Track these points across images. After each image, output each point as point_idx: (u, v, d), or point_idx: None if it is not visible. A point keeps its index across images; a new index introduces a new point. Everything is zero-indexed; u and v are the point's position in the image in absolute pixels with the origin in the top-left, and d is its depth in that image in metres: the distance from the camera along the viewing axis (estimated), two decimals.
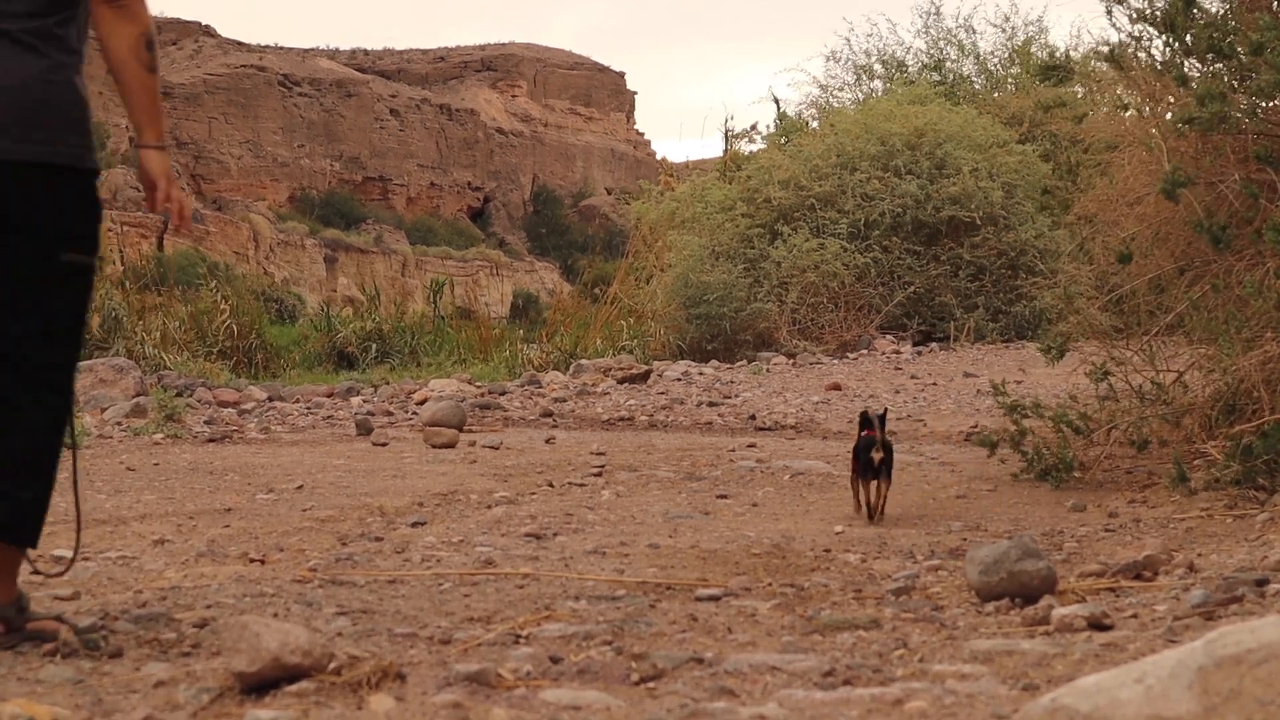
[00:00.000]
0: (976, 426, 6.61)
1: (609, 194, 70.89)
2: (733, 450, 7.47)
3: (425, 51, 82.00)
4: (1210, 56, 5.50)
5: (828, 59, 26.05)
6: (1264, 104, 5.36)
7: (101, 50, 3.31)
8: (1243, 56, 5.24)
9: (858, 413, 5.58)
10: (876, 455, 5.03)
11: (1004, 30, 22.54)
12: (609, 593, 3.52)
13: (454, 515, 5.15)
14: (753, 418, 9.73)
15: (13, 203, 3.08)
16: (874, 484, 5.06)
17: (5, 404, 3.00)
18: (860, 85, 22.52)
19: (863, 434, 5.14)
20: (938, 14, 22.74)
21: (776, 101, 22.06)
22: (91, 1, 3.25)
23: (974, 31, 22.46)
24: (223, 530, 4.74)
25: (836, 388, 11.60)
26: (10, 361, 3.03)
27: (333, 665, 2.54)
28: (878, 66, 22.44)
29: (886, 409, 5.49)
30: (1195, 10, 5.47)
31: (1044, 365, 6.17)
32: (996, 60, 22.24)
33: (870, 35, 27.38)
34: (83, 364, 10.93)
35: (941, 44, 22.32)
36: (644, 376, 13.07)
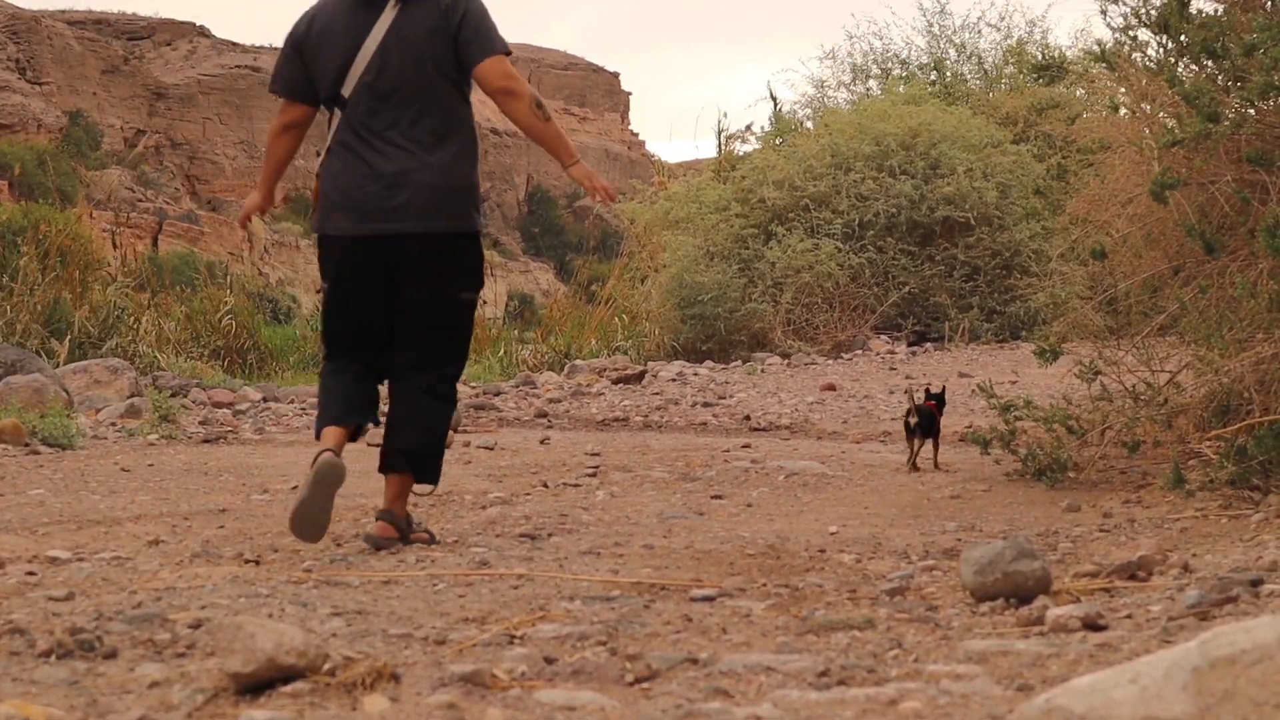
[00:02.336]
0: (971, 427, 6.62)
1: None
2: (727, 451, 7.47)
3: None
4: (1204, 57, 5.51)
5: (824, 57, 26.02)
6: (1257, 106, 5.36)
7: (507, 116, 4.51)
8: (1236, 58, 5.25)
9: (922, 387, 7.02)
10: (911, 420, 6.57)
11: (1000, 29, 22.55)
12: (604, 593, 3.52)
13: (449, 516, 5.15)
14: (747, 418, 9.73)
15: (457, 257, 4.48)
16: (915, 441, 6.56)
17: (427, 391, 4.50)
18: (856, 85, 22.52)
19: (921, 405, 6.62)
20: (943, 12, 22.72)
21: (774, 98, 22.01)
22: (487, 94, 4.47)
23: (978, 33, 22.48)
24: (217, 531, 4.74)
25: (831, 388, 11.60)
26: (439, 358, 4.51)
27: (327, 666, 2.54)
28: (874, 66, 22.43)
29: (944, 387, 7.01)
30: (1189, 11, 5.47)
31: (1036, 366, 6.18)
32: (992, 60, 22.25)
33: (872, 33, 27.34)
34: (77, 365, 10.91)
35: (943, 43, 22.32)
36: (639, 377, 13.07)
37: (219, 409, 10.62)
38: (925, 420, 6.60)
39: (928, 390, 6.84)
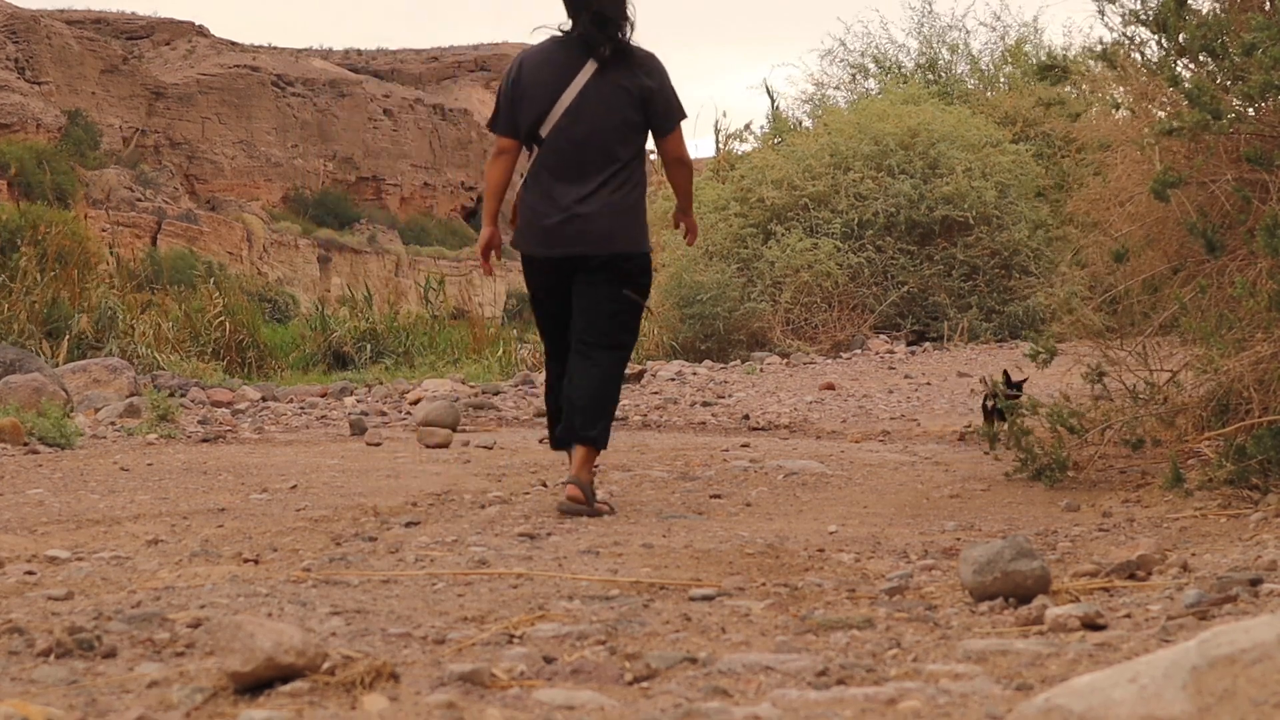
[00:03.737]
0: (970, 426, 6.62)
1: None
2: (726, 450, 7.48)
3: (419, 52, 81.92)
4: (1203, 57, 5.51)
5: (823, 56, 26.03)
6: (1257, 105, 5.36)
7: (670, 178, 5.56)
8: (1235, 57, 5.25)
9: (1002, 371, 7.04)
10: (989, 404, 6.70)
11: (994, 29, 22.55)
12: (603, 592, 3.52)
13: (448, 515, 5.15)
14: (746, 417, 9.73)
15: (630, 270, 5.31)
16: (993, 424, 6.50)
17: (597, 365, 5.29)
18: (855, 84, 22.52)
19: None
20: (930, 12, 22.71)
21: (770, 95, 22.00)
22: (663, 159, 5.44)
23: (967, 31, 22.46)
24: (216, 530, 4.74)
25: (830, 387, 11.61)
26: (606, 343, 5.31)
27: (327, 665, 2.53)
28: (872, 65, 22.43)
29: (1026, 378, 6.87)
30: (1187, 11, 5.47)
31: (1035, 368, 6.18)
32: (988, 59, 22.24)
33: (865, 34, 27.34)
34: (76, 364, 10.92)
35: (935, 43, 22.32)
36: (637, 376, 13.07)
37: (218, 408, 10.62)
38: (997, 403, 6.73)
39: (1008, 377, 6.81)
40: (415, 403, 10.98)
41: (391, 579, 3.72)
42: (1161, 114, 5.92)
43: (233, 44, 70.07)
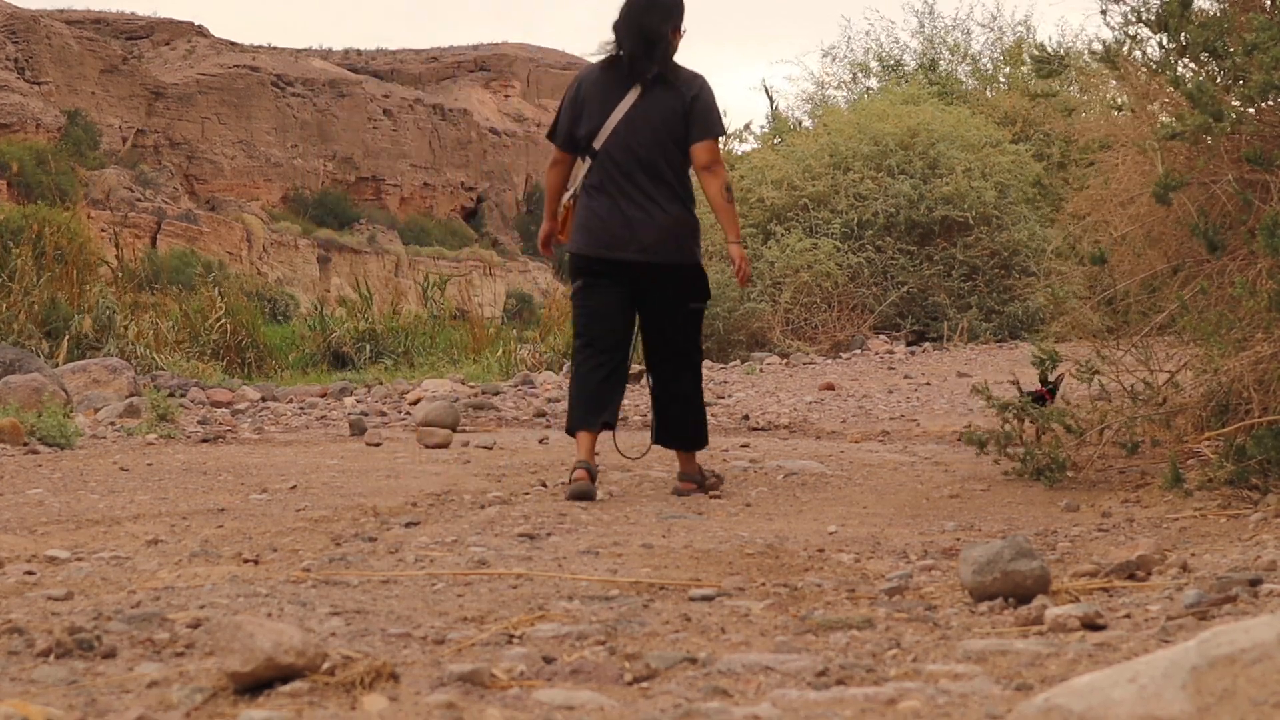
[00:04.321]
0: (970, 426, 6.62)
1: None
2: (726, 450, 7.47)
3: (418, 52, 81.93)
4: (1204, 57, 5.51)
5: (824, 55, 26.02)
6: (1257, 105, 5.36)
7: (702, 188, 5.81)
8: (1236, 57, 5.25)
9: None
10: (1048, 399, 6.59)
11: (992, 30, 22.55)
12: (602, 593, 3.52)
13: (447, 515, 5.15)
14: (746, 418, 9.73)
15: (684, 283, 5.78)
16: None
17: (686, 380, 5.89)
18: (856, 84, 22.53)
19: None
20: (931, 13, 22.73)
21: (769, 95, 22.00)
22: (695, 166, 5.75)
23: (968, 33, 22.48)
24: (216, 530, 4.74)
25: (830, 388, 11.61)
26: (682, 358, 5.85)
27: (326, 665, 2.53)
28: (874, 64, 22.44)
29: (1062, 376, 6.62)
30: (1189, 11, 5.47)
31: (1038, 372, 6.19)
32: (988, 60, 22.25)
33: (868, 33, 27.33)
34: (76, 364, 10.92)
35: (936, 44, 22.33)
36: (637, 376, 13.04)
37: (217, 408, 10.62)
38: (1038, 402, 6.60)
39: (1044, 377, 6.67)
40: (415, 403, 10.98)
41: (391, 579, 3.72)
42: (1163, 116, 5.92)
43: (232, 44, 70.09)
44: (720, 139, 5.78)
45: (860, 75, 22.52)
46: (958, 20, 25.87)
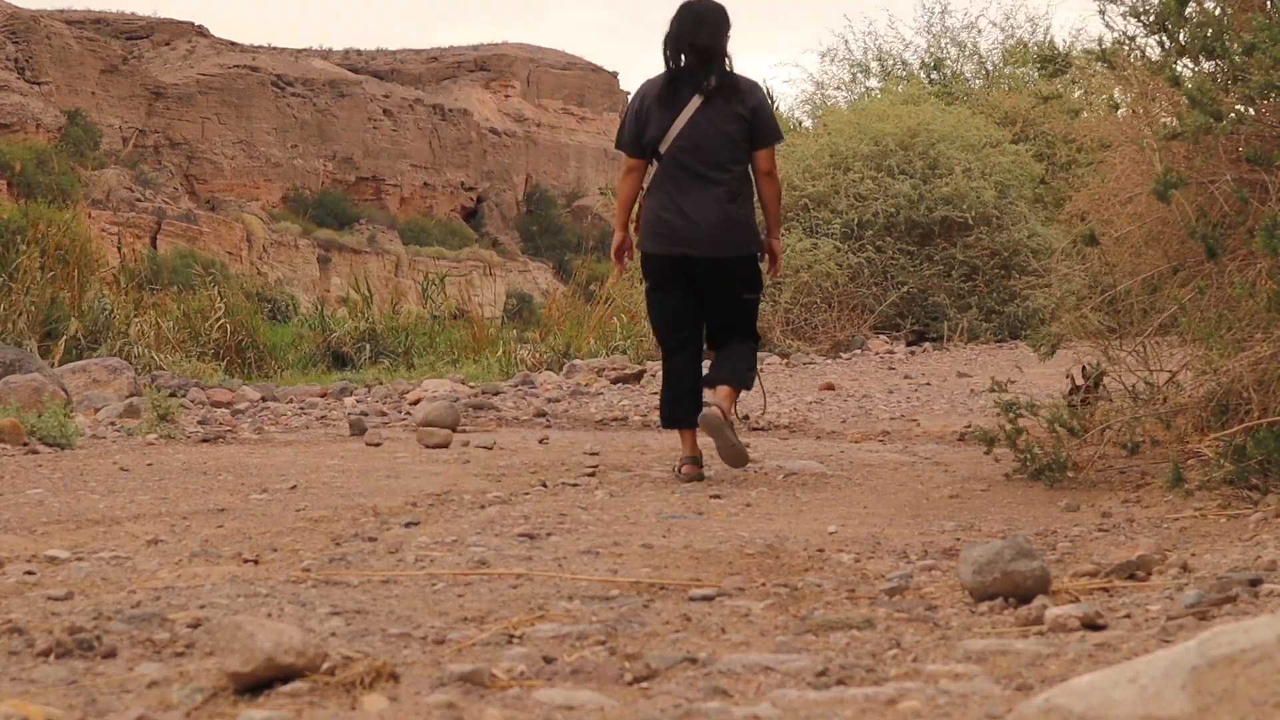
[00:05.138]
0: (970, 426, 6.62)
1: (602, 194, 70.79)
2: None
3: (418, 52, 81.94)
4: (1203, 57, 5.51)
5: (823, 56, 25.99)
6: (1257, 105, 5.36)
7: (756, 185, 6.32)
8: (1235, 57, 5.25)
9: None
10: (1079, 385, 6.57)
11: (1003, 29, 22.54)
12: (602, 593, 3.52)
13: (448, 515, 5.15)
14: (746, 417, 9.73)
15: (741, 272, 6.28)
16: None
17: (741, 344, 6.34)
18: (856, 84, 22.51)
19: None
20: (944, 13, 22.73)
21: (769, 97, 21.97)
22: (755, 171, 6.28)
23: (979, 32, 22.48)
24: (216, 530, 4.74)
25: (830, 388, 11.60)
26: (742, 335, 6.37)
27: (326, 665, 2.54)
28: (874, 64, 22.42)
29: (1103, 372, 6.54)
30: (1188, 11, 5.47)
31: (1037, 365, 6.18)
32: (994, 59, 22.24)
33: (869, 33, 27.26)
34: (76, 364, 10.92)
35: (943, 42, 22.31)
36: (637, 377, 13.07)
37: (218, 408, 10.61)
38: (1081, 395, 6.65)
39: (1085, 371, 6.70)
40: (415, 403, 10.97)
41: (391, 579, 3.72)
42: (1163, 116, 5.92)
43: (232, 44, 70.11)
44: (779, 142, 6.35)
45: (860, 75, 22.51)
46: (968, 18, 25.85)
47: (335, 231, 62.76)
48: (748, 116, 6.15)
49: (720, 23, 6.19)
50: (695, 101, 6.12)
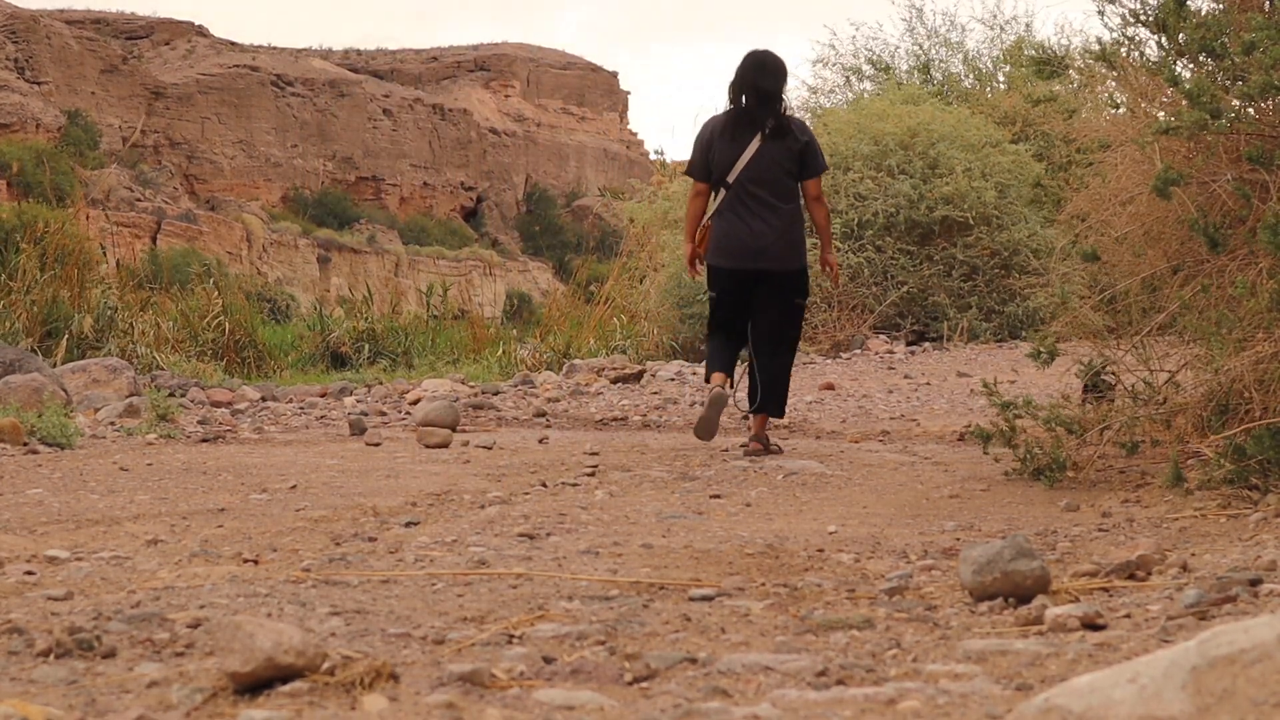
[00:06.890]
0: (970, 426, 6.62)
1: (602, 194, 70.74)
2: (726, 450, 7.47)
3: (418, 51, 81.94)
4: (1203, 57, 5.51)
5: (815, 63, 25.94)
6: (1256, 104, 5.36)
7: (808, 209, 7.37)
8: (1235, 57, 5.25)
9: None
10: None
11: (992, 28, 22.49)
12: (602, 593, 3.52)
13: (447, 515, 5.15)
14: (746, 418, 9.72)
15: (794, 281, 7.28)
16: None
17: (778, 359, 7.30)
18: (850, 87, 22.47)
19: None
20: (920, 15, 22.67)
21: None
22: (805, 197, 7.31)
23: (962, 29, 22.41)
24: (216, 530, 4.74)
25: (830, 387, 11.60)
26: (784, 342, 7.32)
27: (326, 665, 2.54)
28: (867, 67, 22.39)
29: (1116, 374, 6.53)
30: (1187, 10, 5.47)
31: (1037, 367, 6.17)
32: (986, 58, 22.20)
33: (855, 37, 27.16)
34: (76, 364, 10.92)
35: (928, 43, 22.28)
36: (637, 376, 13.07)
37: (217, 408, 10.61)
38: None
39: (1098, 372, 6.76)
40: (415, 403, 10.97)
41: (391, 579, 3.72)
42: (1161, 115, 5.92)
43: (232, 44, 70.11)
44: (825, 170, 7.36)
45: (854, 78, 22.46)
46: (948, 16, 25.79)
47: (335, 231, 62.75)
48: (800, 150, 7.17)
49: (780, 72, 7.23)
50: (757, 140, 7.12)
